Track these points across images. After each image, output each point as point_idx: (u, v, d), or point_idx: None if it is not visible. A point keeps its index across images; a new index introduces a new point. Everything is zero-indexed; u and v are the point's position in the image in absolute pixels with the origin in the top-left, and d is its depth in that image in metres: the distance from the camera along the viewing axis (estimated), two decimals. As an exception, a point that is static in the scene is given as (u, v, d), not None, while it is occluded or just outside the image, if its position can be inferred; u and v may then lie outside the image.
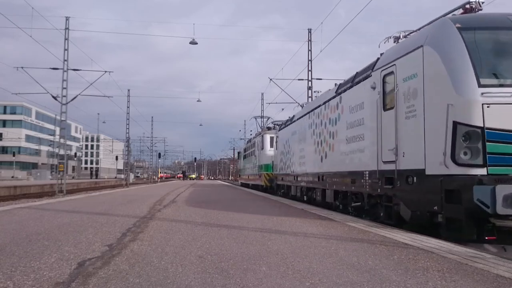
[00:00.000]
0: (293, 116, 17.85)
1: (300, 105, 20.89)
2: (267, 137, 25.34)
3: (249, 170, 32.62)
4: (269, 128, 27.23)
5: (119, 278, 3.68)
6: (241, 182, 42.28)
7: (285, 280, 3.63)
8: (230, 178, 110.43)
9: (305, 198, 14.98)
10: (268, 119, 34.71)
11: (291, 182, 17.45)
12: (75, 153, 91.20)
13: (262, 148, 25.75)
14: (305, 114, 15.04)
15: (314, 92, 23.25)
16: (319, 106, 13.17)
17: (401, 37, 8.93)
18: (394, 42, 9.68)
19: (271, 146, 24.15)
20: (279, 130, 20.87)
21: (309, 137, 14.31)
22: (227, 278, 3.71)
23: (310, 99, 24.28)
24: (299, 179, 15.74)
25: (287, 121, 19.02)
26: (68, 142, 46.57)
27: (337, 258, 4.62)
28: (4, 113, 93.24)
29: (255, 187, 29.48)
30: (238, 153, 48.23)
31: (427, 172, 6.60)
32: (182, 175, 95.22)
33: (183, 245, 5.35)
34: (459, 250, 5.11)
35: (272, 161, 23.06)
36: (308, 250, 5.09)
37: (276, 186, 21.51)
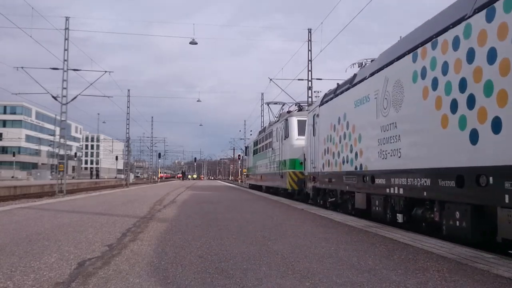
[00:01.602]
0: (354, 75, 10.40)
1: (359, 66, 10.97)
2: (294, 121, 17.71)
3: (262, 168, 24.93)
4: (300, 109, 18.86)
5: (119, 278, 3.68)
6: (249, 184, 34.26)
7: (285, 280, 3.63)
8: (230, 178, 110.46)
9: (401, 218, 7.76)
10: (284, 104, 25.42)
11: (353, 186, 9.87)
12: (75, 153, 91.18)
13: (286, 137, 18.19)
14: (400, 57, 7.75)
15: (314, 92, 22.88)
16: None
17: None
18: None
19: (300, 133, 16.99)
20: (320, 105, 12.77)
21: (417, 95, 7.01)
22: (227, 278, 3.71)
23: (310, 99, 24.12)
24: (380, 181, 8.41)
25: (338, 88, 11.42)
26: (68, 142, 46.57)
27: (337, 258, 4.62)
28: (4, 113, 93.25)
29: (272, 190, 22.25)
30: (246, 148, 38.25)
31: None
32: (181, 175, 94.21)
33: (183, 245, 5.35)
34: (459, 250, 5.11)
35: (303, 154, 15.38)
36: (308, 250, 5.09)
37: (313, 192, 13.73)
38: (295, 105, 20.03)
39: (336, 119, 11.13)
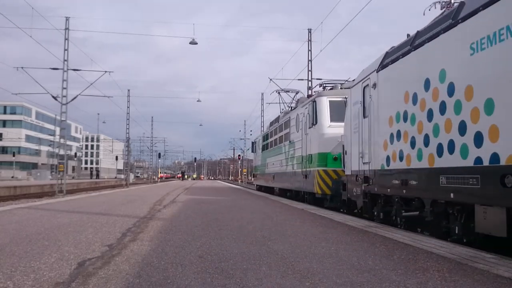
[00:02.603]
0: (462, 3, 6.17)
1: None
2: (324, 103, 13.23)
3: (275, 166, 20.46)
4: (332, 87, 14.54)
5: (119, 278, 3.68)
6: (257, 185, 29.24)
7: (285, 280, 3.63)
8: (230, 178, 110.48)
9: None
10: (297, 92, 21.81)
11: (471, 194, 5.47)
12: (75, 153, 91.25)
13: (313, 125, 13.63)
14: None
15: (314, 92, 22.54)
16: None
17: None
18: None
19: (334, 118, 12.86)
20: (380, 69, 8.64)
21: None
22: (227, 278, 3.71)
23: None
24: None
25: (421, 34, 7.32)
26: (68, 142, 46.57)
27: (337, 258, 4.61)
28: (4, 113, 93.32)
29: (290, 194, 17.59)
30: (252, 143, 31.44)
31: None
32: (181, 175, 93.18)
33: (183, 245, 5.35)
34: (459, 250, 5.11)
35: (342, 147, 11.31)
36: (308, 250, 5.09)
37: (365, 199, 9.28)
38: (320, 86, 15.11)
39: (419, 84, 7.02)
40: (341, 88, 13.73)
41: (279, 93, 23.04)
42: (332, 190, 12.44)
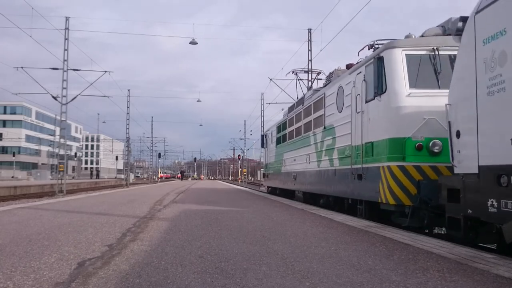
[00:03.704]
0: None
1: None
2: (398, 59, 8.28)
3: (298, 163, 15.63)
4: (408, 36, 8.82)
5: (119, 278, 3.68)
6: (269, 187, 24.03)
7: (285, 280, 3.63)
8: (230, 178, 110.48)
9: None
10: (319, 73, 19.10)
11: None
12: (75, 153, 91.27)
13: (377, 95, 8.66)
14: None
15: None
16: None
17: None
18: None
19: (416, 83, 8.09)
20: None
21: None
22: (227, 278, 3.71)
23: None
24: None
25: None
26: (68, 142, 46.58)
27: (337, 258, 4.61)
28: (4, 113, 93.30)
29: (325, 201, 12.95)
30: (263, 137, 25.46)
31: None
32: (180, 175, 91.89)
33: (183, 245, 5.35)
34: (459, 250, 5.11)
35: (449, 125, 6.33)
36: (308, 250, 5.09)
37: None
38: (369, 48, 9.81)
39: None
40: (422, 36, 8.59)
41: (296, 73, 19.24)
42: (414, 199, 7.60)
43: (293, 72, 19.76)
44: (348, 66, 11.37)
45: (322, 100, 12.65)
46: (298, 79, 19.16)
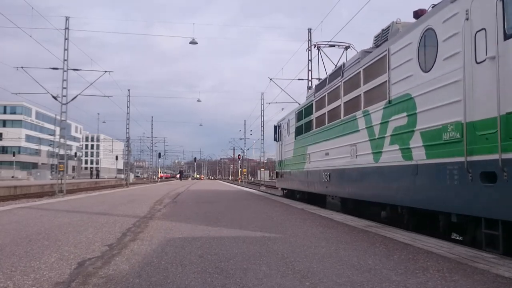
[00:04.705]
0: None
1: None
2: None
3: (334, 157, 11.41)
4: None
5: (119, 278, 3.68)
6: (284, 189, 19.68)
7: (285, 280, 3.63)
8: (230, 178, 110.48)
9: None
10: (347, 48, 15.49)
11: None
12: (75, 153, 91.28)
13: None
14: None
15: None
16: None
17: None
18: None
19: None
20: None
21: None
22: (227, 278, 3.71)
23: None
24: None
25: None
26: (68, 142, 46.60)
27: (337, 258, 4.61)
28: (4, 113, 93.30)
29: (384, 212, 8.62)
30: (276, 128, 20.43)
31: None
32: (179, 175, 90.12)
33: (183, 245, 5.35)
34: (459, 250, 5.11)
35: None
36: (308, 250, 5.09)
37: None
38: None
39: None
40: None
41: (319, 48, 16.09)
42: None
43: (315, 47, 16.51)
44: (418, 13, 7.70)
45: (383, 61, 8.47)
46: (321, 55, 15.82)
